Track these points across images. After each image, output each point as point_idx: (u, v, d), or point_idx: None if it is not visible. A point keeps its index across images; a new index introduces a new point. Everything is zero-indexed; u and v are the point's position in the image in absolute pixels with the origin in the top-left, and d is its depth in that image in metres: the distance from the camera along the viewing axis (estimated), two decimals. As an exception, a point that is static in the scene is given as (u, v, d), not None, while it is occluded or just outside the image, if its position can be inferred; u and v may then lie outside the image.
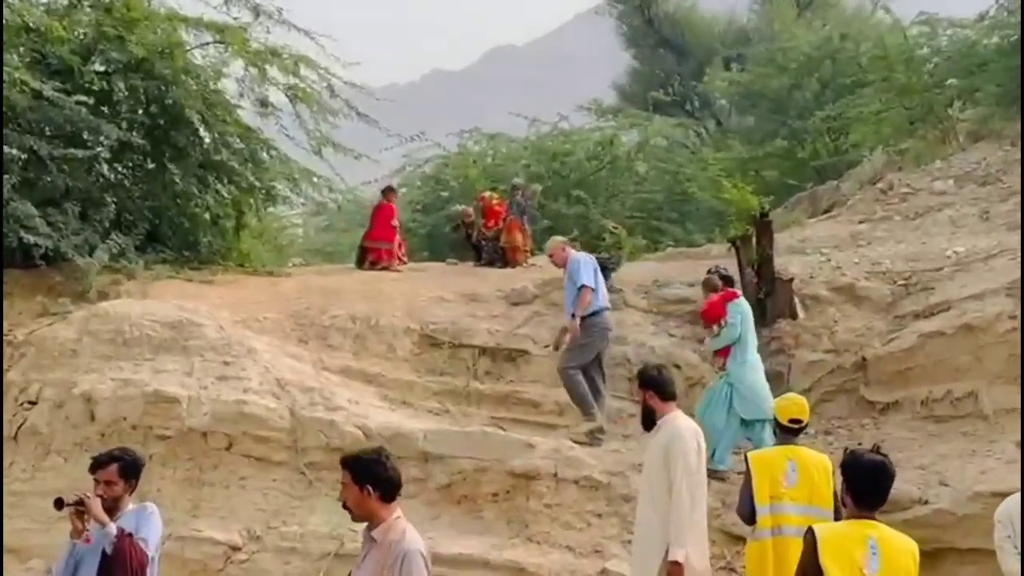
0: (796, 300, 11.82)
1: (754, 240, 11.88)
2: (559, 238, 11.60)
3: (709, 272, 11.08)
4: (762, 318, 11.57)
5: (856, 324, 11.53)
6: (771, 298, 11.71)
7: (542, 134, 25.93)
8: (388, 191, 16.81)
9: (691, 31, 34.67)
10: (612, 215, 21.74)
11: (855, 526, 4.95)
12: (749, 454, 7.31)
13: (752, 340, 10.38)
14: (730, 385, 10.16)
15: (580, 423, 10.45)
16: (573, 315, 10.49)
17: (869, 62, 21.05)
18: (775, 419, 7.39)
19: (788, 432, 7.29)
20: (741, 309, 10.40)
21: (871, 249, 13.05)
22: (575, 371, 10.46)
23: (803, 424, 7.35)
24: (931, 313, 11.08)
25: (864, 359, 11.12)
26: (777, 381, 11.19)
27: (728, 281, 10.86)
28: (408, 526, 5.04)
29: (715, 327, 10.49)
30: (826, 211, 16.57)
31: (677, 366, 11.11)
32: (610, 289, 12.14)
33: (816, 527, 5.03)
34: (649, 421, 7.05)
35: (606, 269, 12.24)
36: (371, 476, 5.01)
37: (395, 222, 16.18)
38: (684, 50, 34.51)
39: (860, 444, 9.66)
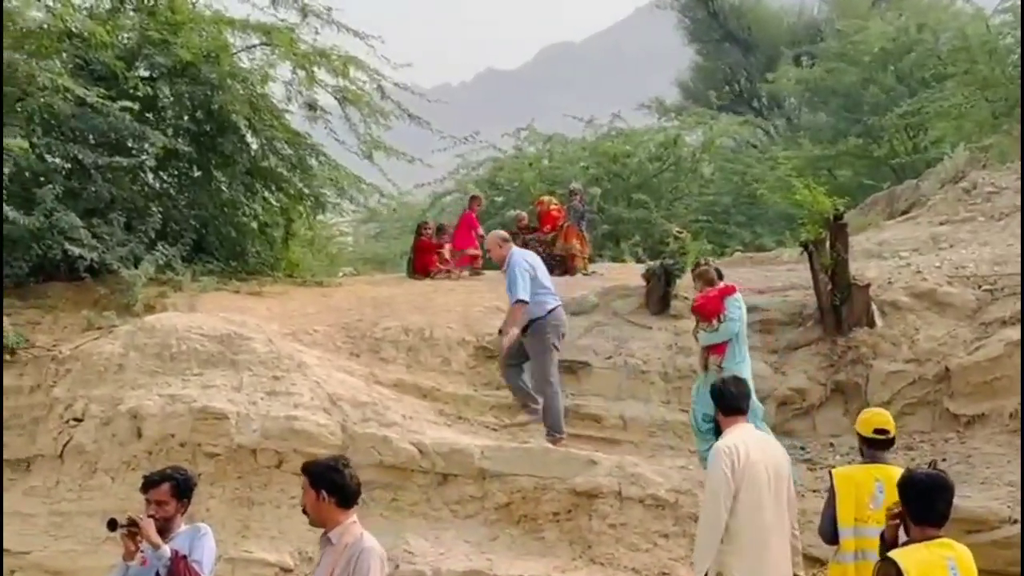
0: (873, 307, 11.66)
1: (828, 244, 11.74)
2: (499, 232, 11.27)
3: (702, 264, 10.95)
4: (837, 326, 11.45)
5: (938, 332, 11.35)
6: (847, 305, 11.57)
7: (600, 135, 25.93)
8: (472, 199, 17.08)
9: (758, 24, 34.49)
10: (676, 219, 21.70)
11: (933, 549, 4.91)
12: (834, 471, 7.17)
13: (746, 337, 10.28)
14: None
15: (534, 422, 10.38)
16: (531, 318, 10.18)
17: (949, 54, 20.82)
18: (858, 436, 7.21)
19: (875, 446, 7.04)
20: (739, 304, 10.30)
21: (954, 252, 12.86)
22: (552, 384, 10.30)
23: (890, 435, 7.13)
24: (1019, 320, 10.87)
25: (947, 369, 10.93)
26: (854, 393, 11.08)
27: (719, 275, 10.73)
28: (365, 532, 5.42)
29: (715, 321, 10.32)
30: (904, 212, 16.37)
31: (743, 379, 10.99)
32: (674, 296, 12.10)
33: (895, 555, 4.95)
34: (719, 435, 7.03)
35: (669, 275, 12.20)
36: (327, 482, 5.39)
37: (479, 231, 16.33)
38: (751, 44, 34.33)
39: (944, 459, 9.53)
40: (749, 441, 6.88)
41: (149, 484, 6.15)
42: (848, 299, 11.61)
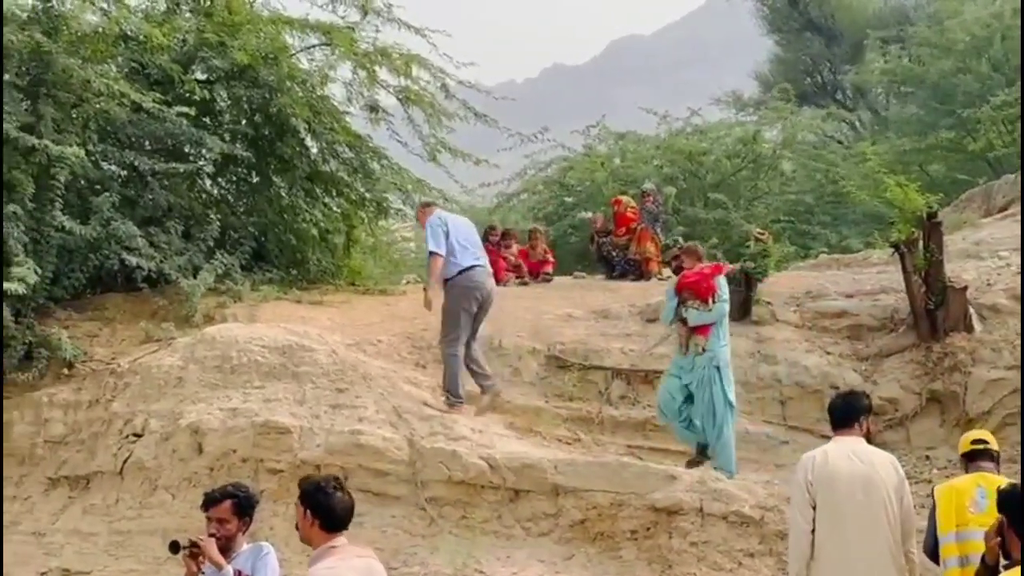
0: (971, 310, 11.50)
1: (921, 244, 11.60)
2: (425, 199, 11.47)
3: (685, 243, 10.96)
4: (932, 332, 11.29)
5: (1042, 337, 11.16)
6: (942, 309, 11.41)
7: (674, 131, 25.78)
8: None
9: (842, 12, 34.05)
10: (756, 219, 21.50)
11: None
12: (937, 487, 7.12)
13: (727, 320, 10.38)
14: (716, 368, 10.10)
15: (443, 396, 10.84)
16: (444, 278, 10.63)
17: (1048, 40, 20.40)
18: (961, 456, 7.21)
19: (975, 457, 7.07)
20: (728, 285, 10.46)
21: (1057, 251, 12.62)
22: (453, 346, 10.60)
23: (989, 445, 7.12)
24: None
25: (1052, 376, 10.74)
26: (951, 403, 10.92)
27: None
28: (333, 558, 5.33)
29: (709, 300, 10.24)
30: (1003, 209, 16.10)
31: (835, 387, 10.91)
32: (755, 302, 12.02)
33: None
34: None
35: (750, 280, 12.12)
36: (312, 502, 5.42)
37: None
38: (834, 33, 33.91)
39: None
40: (835, 450, 6.90)
41: (210, 502, 6.22)
42: (944, 302, 11.46)
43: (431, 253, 10.60)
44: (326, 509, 5.41)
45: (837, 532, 6.71)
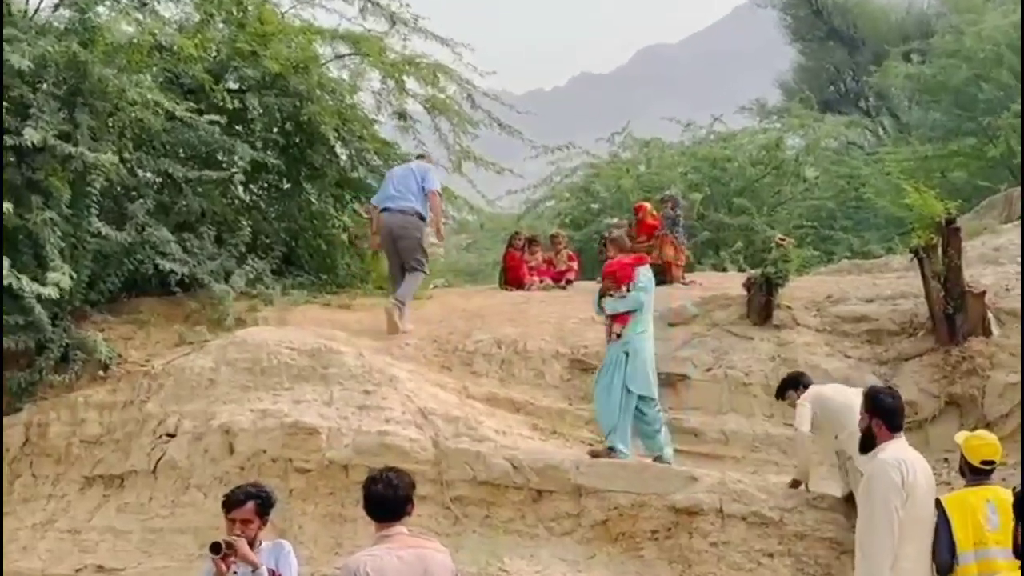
0: (990, 315, 11.43)
1: (940, 249, 11.55)
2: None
3: (613, 229, 10.95)
4: (950, 336, 11.24)
5: (1060, 341, 11.09)
6: (960, 313, 11.34)
7: (699, 138, 25.78)
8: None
9: (865, 21, 33.99)
10: (779, 225, 21.50)
11: None
12: (944, 498, 7.09)
13: (651, 311, 10.38)
14: (626, 354, 10.06)
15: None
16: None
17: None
18: (962, 458, 7.17)
19: (980, 473, 7.07)
20: (649, 275, 10.42)
21: (1076, 257, 12.53)
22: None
23: (996, 465, 7.14)
24: None
25: (1071, 380, 10.67)
26: (970, 406, 10.86)
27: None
28: (381, 546, 5.48)
29: (624, 288, 10.26)
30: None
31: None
32: (777, 306, 12.03)
33: None
34: (868, 446, 6.98)
35: (771, 284, 12.11)
36: (363, 496, 5.67)
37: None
38: (857, 42, 33.85)
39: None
40: (915, 462, 6.85)
41: (234, 503, 6.28)
42: (962, 307, 11.39)
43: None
44: (367, 502, 5.58)
45: (917, 541, 6.69)
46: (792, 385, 9.81)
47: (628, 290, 10.23)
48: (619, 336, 10.15)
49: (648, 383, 10.12)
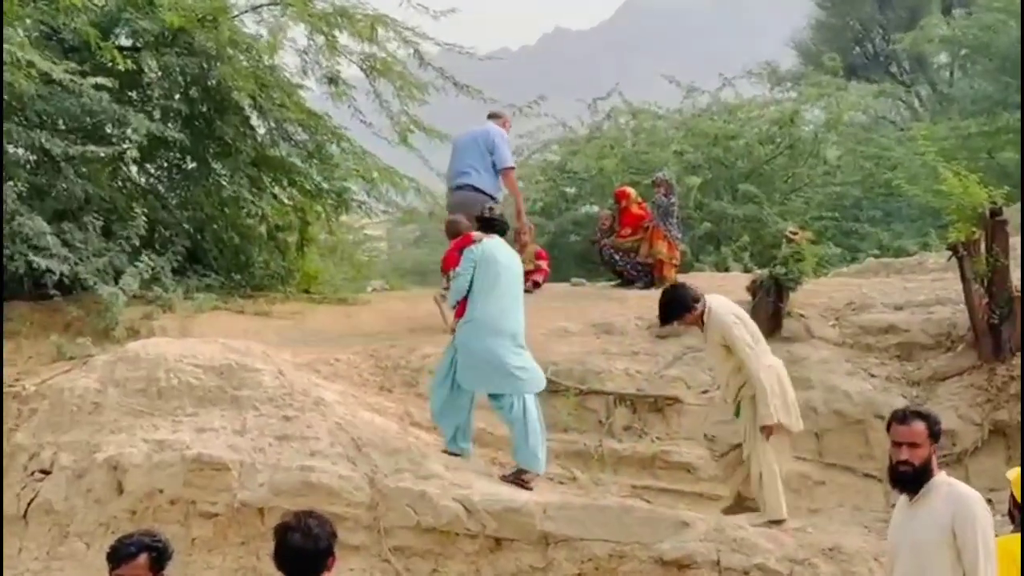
0: (1043, 326, 11.57)
1: (984, 246, 11.66)
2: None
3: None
4: (996, 351, 11.35)
5: None
6: (1008, 324, 11.47)
7: (699, 108, 25.81)
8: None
9: (900, -33, 34.23)
10: (793, 216, 21.59)
11: None
12: None
13: (492, 293, 10.61)
14: (455, 348, 10.54)
15: None
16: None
17: None
18: (1012, 497, 7.21)
19: None
20: (476, 256, 10.70)
21: None
22: None
23: None
24: None
25: None
26: (1018, 435, 10.97)
27: (488, 224, 11.06)
28: None
29: (451, 276, 10.91)
30: (1085, 205, 16.18)
31: (880, 417, 10.96)
32: (787, 314, 12.10)
33: None
34: (918, 482, 6.87)
35: (780, 287, 12.18)
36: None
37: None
38: (888, -6, 34.08)
39: None
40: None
41: (122, 556, 6.22)
42: (1010, 316, 11.51)
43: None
44: (279, 554, 5.62)
45: None
46: (685, 306, 9.98)
47: (451, 279, 10.83)
48: (454, 330, 10.75)
49: (485, 378, 10.49)
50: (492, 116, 14.34)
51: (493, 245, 10.81)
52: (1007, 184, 15.11)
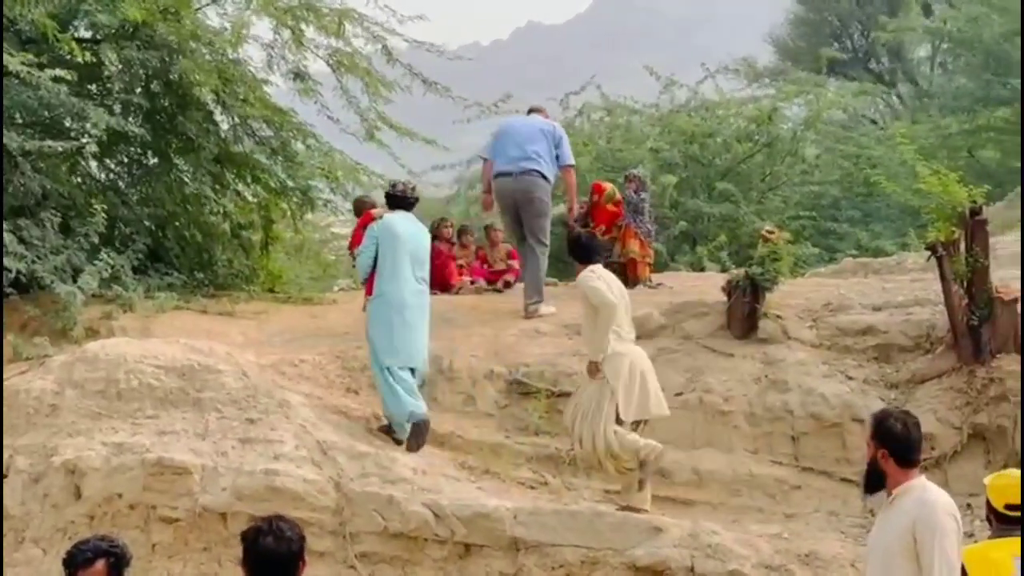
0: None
1: (963, 246, 11.71)
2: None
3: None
4: (976, 353, 11.40)
5: (1109, 360, 11.30)
6: (988, 325, 11.52)
7: (677, 104, 25.81)
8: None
9: (879, -38, 34.37)
10: (770, 215, 21.66)
11: None
12: (965, 551, 7.17)
13: (397, 268, 11.27)
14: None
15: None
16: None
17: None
18: (987, 502, 7.28)
19: (1008, 522, 7.16)
20: (376, 232, 11.35)
21: None
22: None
23: None
24: None
25: (1120, 407, 10.88)
26: (998, 439, 11.04)
27: (393, 200, 11.62)
28: None
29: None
30: (1066, 205, 16.29)
31: (859, 420, 11.02)
32: (764, 315, 12.15)
33: None
34: (875, 484, 6.93)
35: (757, 288, 12.22)
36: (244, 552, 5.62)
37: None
38: (868, -12, 34.21)
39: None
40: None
41: (79, 562, 6.21)
42: (990, 317, 11.56)
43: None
44: (249, 559, 5.57)
45: None
46: (585, 256, 10.70)
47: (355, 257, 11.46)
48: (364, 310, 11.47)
49: (392, 351, 11.11)
50: (535, 110, 14.87)
51: (394, 220, 11.37)
52: (987, 183, 15.18)
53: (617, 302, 10.19)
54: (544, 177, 13.84)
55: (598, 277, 10.32)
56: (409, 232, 11.35)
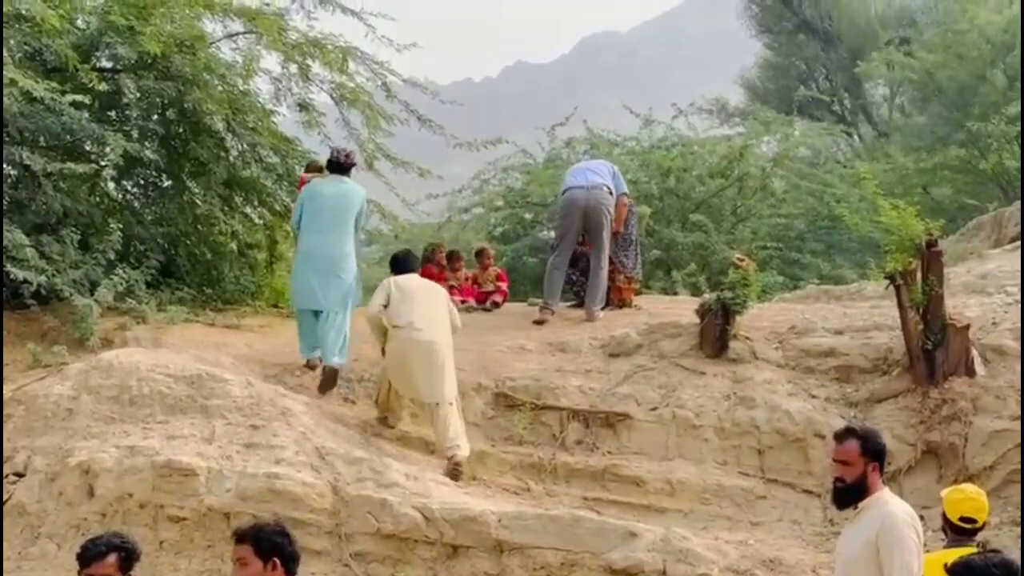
0: (974, 352, 11.65)
1: (919, 276, 11.76)
2: None
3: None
4: (930, 375, 11.43)
5: (1053, 384, 11.32)
6: (941, 350, 11.55)
7: (656, 140, 25.83)
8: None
9: (841, 11, 34.50)
10: (739, 244, 21.67)
11: None
12: (925, 557, 7.17)
13: (312, 226, 12.27)
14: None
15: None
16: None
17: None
18: (943, 514, 7.30)
19: (961, 532, 7.19)
20: (303, 195, 12.50)
21: (1073, 288, 12.81)
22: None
23: (978, 525, 7.27)
24: None
25: (1063, 428, 10.90)
26: (950, 456, 11.06)
27: (332, 165, 12.61)
28: None
29: None
30: (1014, 239, 16.32)
31: (820, 436, 11.04)
32: (733, 336, 12.19)
33: None
34: (848, 498, 6.88)
35: (727, 311, 12.25)
36: (277, 549, 5.66)
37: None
38: (832, 35, 34.34)
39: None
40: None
41: (91, 556, 6.21)
42: (943, 342, 11.59)
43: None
44: (291, 556, 5.66)
45: None
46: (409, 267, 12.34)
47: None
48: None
49: (302, 297, 12.39)
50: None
51: (323, 182, 12.45)
52: (941, 218, 15.24)
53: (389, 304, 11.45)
54: (610, 192, 14.58)
55: (390, 284, 11.68)
56: (335, 190, 12.36)
